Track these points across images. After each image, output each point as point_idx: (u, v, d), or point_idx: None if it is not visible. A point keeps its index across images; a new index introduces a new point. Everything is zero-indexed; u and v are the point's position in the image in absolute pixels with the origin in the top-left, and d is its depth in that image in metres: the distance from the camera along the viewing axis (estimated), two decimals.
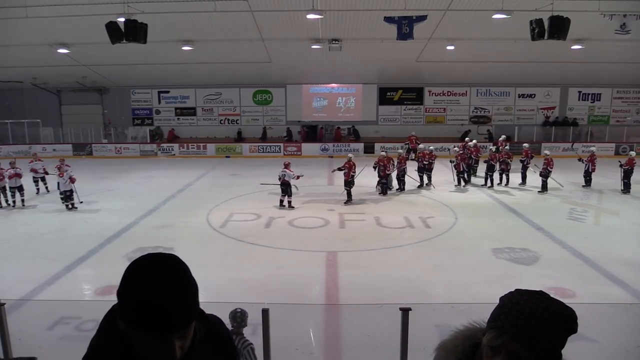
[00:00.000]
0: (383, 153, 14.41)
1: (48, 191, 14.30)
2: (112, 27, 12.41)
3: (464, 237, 9.81)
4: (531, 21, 12.60)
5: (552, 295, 1.06)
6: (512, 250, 8.87)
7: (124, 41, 12.46)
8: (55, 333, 5.66)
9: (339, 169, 13.19)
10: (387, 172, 13.96)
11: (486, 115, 25.65)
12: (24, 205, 12.62)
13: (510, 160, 15.43)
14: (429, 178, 15.49)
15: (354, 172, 13.05)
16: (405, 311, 3.74)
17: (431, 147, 16.01)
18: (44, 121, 24.55)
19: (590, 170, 14.97)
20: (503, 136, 19.00)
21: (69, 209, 12.20)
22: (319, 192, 14.13)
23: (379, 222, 11.13)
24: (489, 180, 15.33)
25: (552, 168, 14.24)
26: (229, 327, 3.99)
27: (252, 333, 4.33)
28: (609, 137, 23.54)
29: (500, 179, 15.51)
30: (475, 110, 25.63)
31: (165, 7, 14.63)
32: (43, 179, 14.39)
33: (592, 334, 5.27)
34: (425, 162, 15.28)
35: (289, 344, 5.29)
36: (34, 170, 14.19)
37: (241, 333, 4.05)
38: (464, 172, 15.43)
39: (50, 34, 17.24)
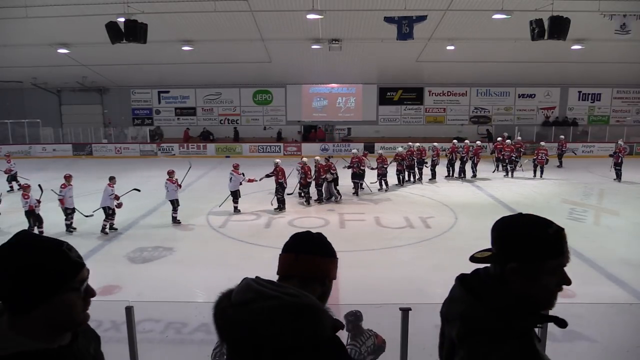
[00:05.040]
0: (310, 159, 13.10)
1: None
2: (112, 27, 12.42)
3: (464, 237, 9.78)
4: (531, 21, 12.61)
5: None
6: None
7: (124, 41, 12.47)
8: None
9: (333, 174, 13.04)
10: (309, 180, 12.71)
11: (486, 115, 25.67)
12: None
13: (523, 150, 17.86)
14: (361, 185, 14.06)
15: (333, 171, 12.91)
16: (405, 311, 3.73)
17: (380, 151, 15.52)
18: (44, 121, 24.57)
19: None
20: (505, 134, 20.12)
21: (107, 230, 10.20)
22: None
23: (379, 222, 11.12)
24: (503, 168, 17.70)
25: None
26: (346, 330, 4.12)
27: None
28: (608, 137, 23.52)
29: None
30: (475, 110, 25.65)
31: (165, 7, 14.64)
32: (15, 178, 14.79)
33: (592, 334, 5.27)
34: (362, 168, 13.77)
35: None
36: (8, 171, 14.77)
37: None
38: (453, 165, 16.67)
39: (50, 34, 17.24)
